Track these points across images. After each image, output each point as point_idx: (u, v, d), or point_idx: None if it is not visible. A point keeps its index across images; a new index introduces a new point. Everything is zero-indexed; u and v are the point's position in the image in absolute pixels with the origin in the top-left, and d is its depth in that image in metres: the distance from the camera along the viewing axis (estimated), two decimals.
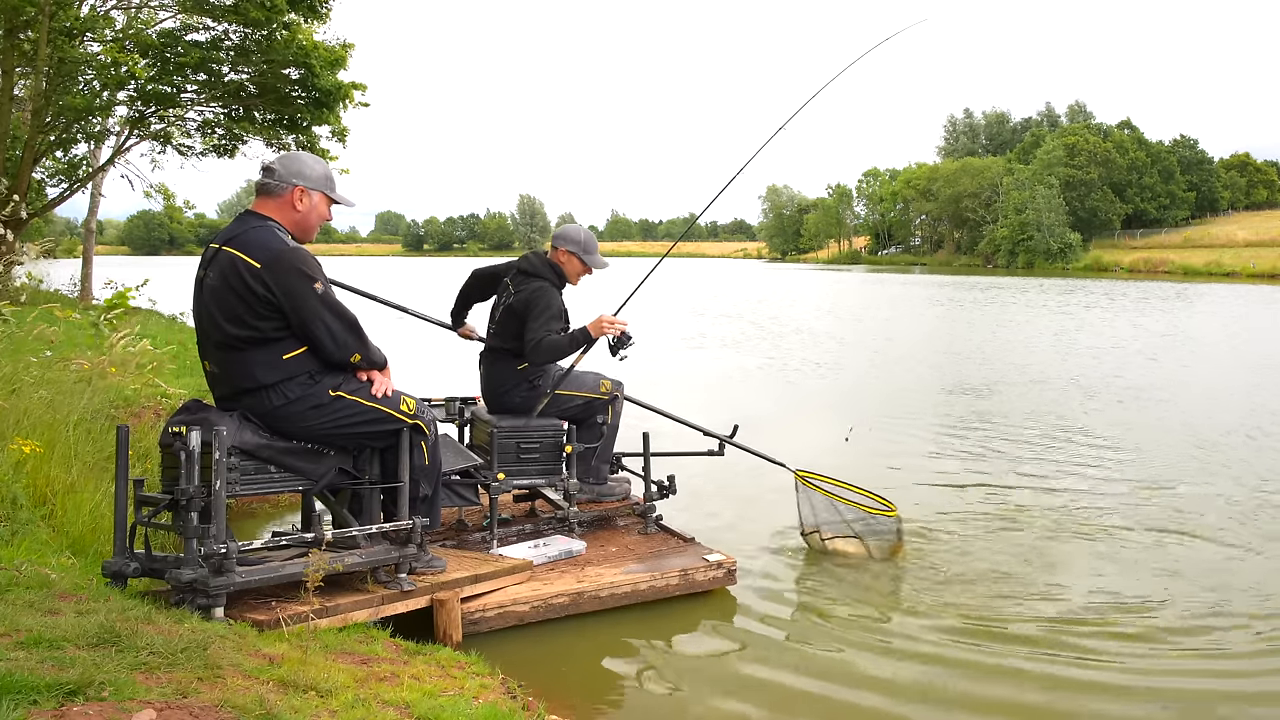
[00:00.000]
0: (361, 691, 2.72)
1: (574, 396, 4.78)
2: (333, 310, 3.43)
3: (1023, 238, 73.01)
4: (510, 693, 3.15)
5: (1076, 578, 4.75)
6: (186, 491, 3.16)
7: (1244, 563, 5.00)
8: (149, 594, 3.34)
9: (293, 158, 3.57)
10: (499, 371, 4.83)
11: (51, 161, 15.56)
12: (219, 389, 3.49)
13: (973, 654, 3.82)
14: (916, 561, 4.96)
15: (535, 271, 4.84)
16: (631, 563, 4.41)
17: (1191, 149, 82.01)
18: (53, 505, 4.07)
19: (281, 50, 12.92)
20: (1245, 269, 54.79)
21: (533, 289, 4.76)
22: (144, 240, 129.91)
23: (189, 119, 14.99)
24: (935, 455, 7.61)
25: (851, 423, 7.87)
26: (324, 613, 3.33)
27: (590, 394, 4.82)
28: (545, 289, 4.76)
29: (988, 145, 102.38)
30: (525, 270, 4.87)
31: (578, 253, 4.88)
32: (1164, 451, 7.70)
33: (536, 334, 4.61)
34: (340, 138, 14.87)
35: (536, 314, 4.66)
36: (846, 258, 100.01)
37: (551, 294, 4.76)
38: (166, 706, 2.26)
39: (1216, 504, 6.09)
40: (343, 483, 3.65)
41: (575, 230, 4.97)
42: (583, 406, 4.81)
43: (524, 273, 4.86)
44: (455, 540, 4.64)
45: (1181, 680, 3.61)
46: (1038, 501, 6.15)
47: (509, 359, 4.78)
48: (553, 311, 4.69)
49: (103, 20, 12.42)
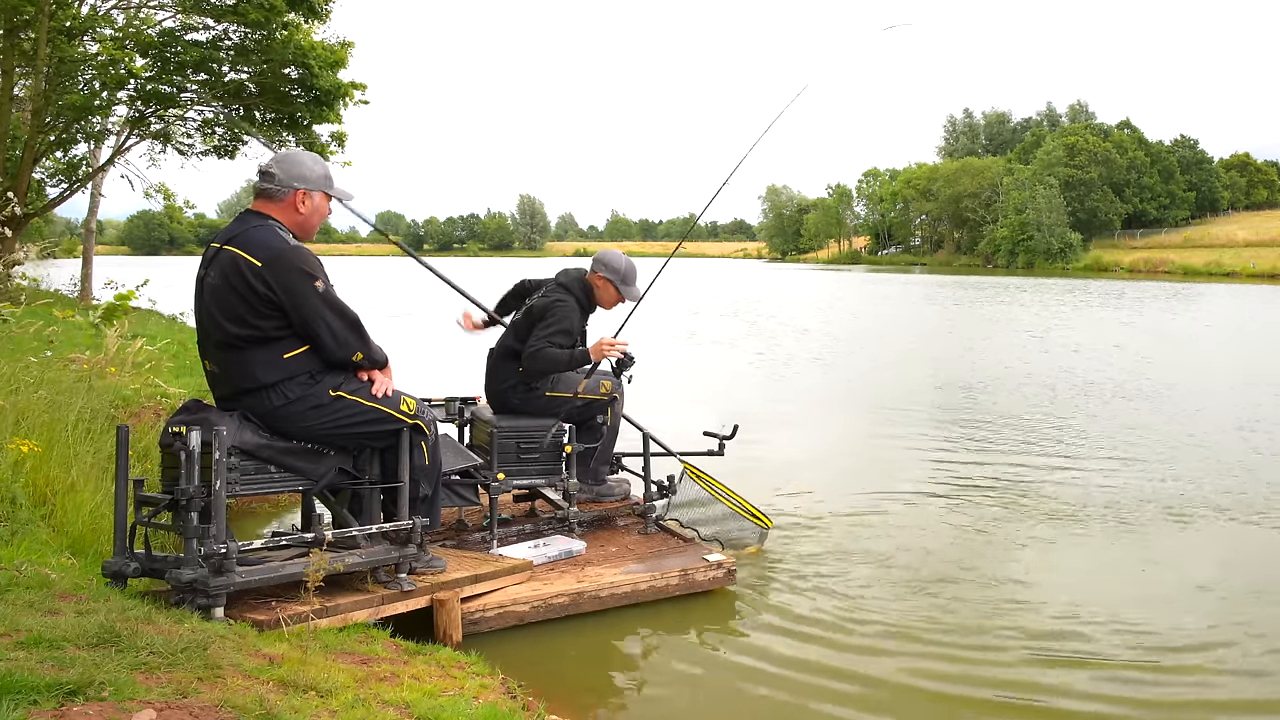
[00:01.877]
0: (361, 691, 2.72)
1: (572, 398, 4.78)
2: (334, 309, 3.43)
3: (1023, 238, 73.00)
4: (510, 693, 3.14)
5: (1076, 578, 4.75)
6: (186, 491, 3.16)
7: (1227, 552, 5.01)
8: (149, 594, 3.34)
9: (292, 160, 3.55)
10: (502, 370, 4.84)
11: (51, 161, 15.55)
12: (219, 389, 3.49)
13: (973, 653, 3.82)
14: (917, 561, 4.95)
15: (565, 285, 4.87)
16: (631, 563, 4.41)
17: (1191, 149, 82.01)
18: (53, 505, 4.06)
19: (281, 50, 12.92)
20: (1245, 269, 54.80)
21: (554, 299, 4.78)
22: (144, 240, 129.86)
23: (189, 119, 14.99)
24: (938, 456, 7.60)
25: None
26: (324, 613, 3.33)
27: (590, 395, 4.81)
28: (566, 303, 4.76)
29: (988, 145, 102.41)
30: (560, 282, 4.90)
31: (615, 281, 4.89)
32: (1150, 447, 7.70)
33: (538, 343, 4.62)
34: (339, 141, 14.88)
35: (547, 323, 4.67)
36: (846, 258, 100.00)
37: (570, 308, 4.75)
38: (166, 706, 2.26)
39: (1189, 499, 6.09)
40: (343, 483, 3.65)
41: (617, 257, 4.96)
42: (582, 408, 4.81)
43: (558, 284, 4.90)
44: (455, 540, 4.64)
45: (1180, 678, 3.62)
46: (1037, 502, 6.15)
47: (513, 359, 4.78)
48: (564, 326, 4.68)
49: (102, 20, 12.41)
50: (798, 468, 7.04)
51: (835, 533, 5.45)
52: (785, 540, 5.26)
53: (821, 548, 5.15)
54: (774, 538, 5.30)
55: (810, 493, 6.33)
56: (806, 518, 5.73)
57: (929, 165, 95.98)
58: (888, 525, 5.63)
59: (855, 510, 5.95)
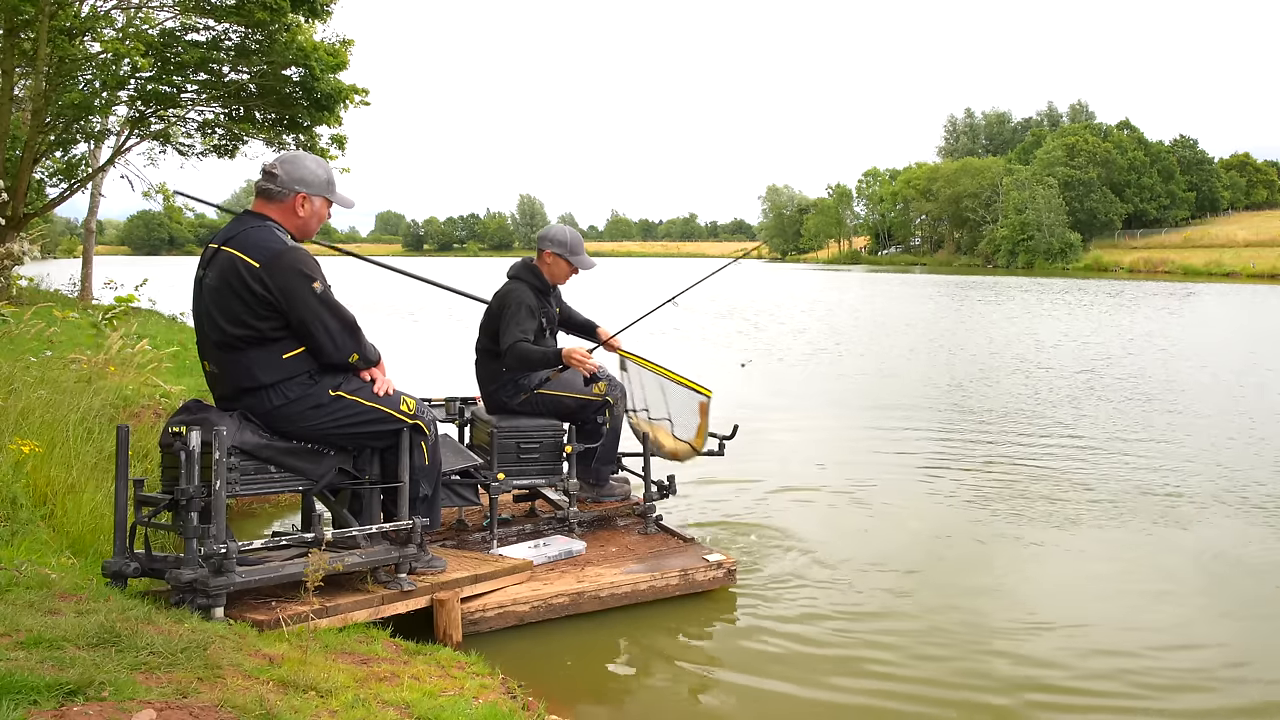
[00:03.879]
0: (361, 691, 2.72)
1: (564, 397, 4.79)
2: (331, 310, 3.42)
3: (1023, 238, 73.00)
4: (510, 693, 3.15)
5: (1077, 577, 4.75)
6: (186, 491, 3.16)
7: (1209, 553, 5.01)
8: (149, 594, 3.34)
9: (295, 162, 3.54)
10: (485, 371, 4.90)
11: (51, 161, 15.56)
12: (219, 389, 3.49)
13: (974, 653, 3.82)
14: (920, 559, 4.96)
15: (514, 275, 4.93)
16: (631, 563, 4.41)
17: (1191, 149, 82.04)
18: (53, 505, 4.06)
19: (282, 51, 12.92)
20: (1245, 269, 54.81)
21: (505, 290, 4.86)
22: (144, 240, 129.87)
23: (189, 119, 14.99)
24: (940, 455, 7.61)
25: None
26: (324, 613, 3.33)
27: (583, 395, 4.82)
28: (516, 288, 4.82)
29: (988, 145, 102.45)
30: (509, 275, 4.96)
31: (564, 254, 4.92)
32: (1142, 443, 7.71)
33: (511, 336, 4.65)
34: (339, 144, 14.88)
35: (509, 316, 4.72)
36: (846, 258, 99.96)
37: (521, 292, 4.80)
38: (166, 706, 2.25)
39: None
40: (343, 483, 3.65)
41: (560, 231, 5.01)
42: (576, 408, 4.82)
43: (508, 277, 4.95)
44: (455, 540, 4.64)
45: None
46: (1044, 501, 6.15)
47: (491, 358, 4.84)
48: (523, 311, 4.72)
49: (103, 19, 12.41)
50: (798, 466, 7.04)
51: (836, 532, 5.44)
52: (785, 539, 5.26)
53: (822, 547, 5.14)
54: (774, 537, 5.30)
55: (811, 492, 6.34)
56: (807, 517, 5.73)
57: (929, 165, 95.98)
58: (889, 524, 5.63)
59: (856, 509, 5.95)
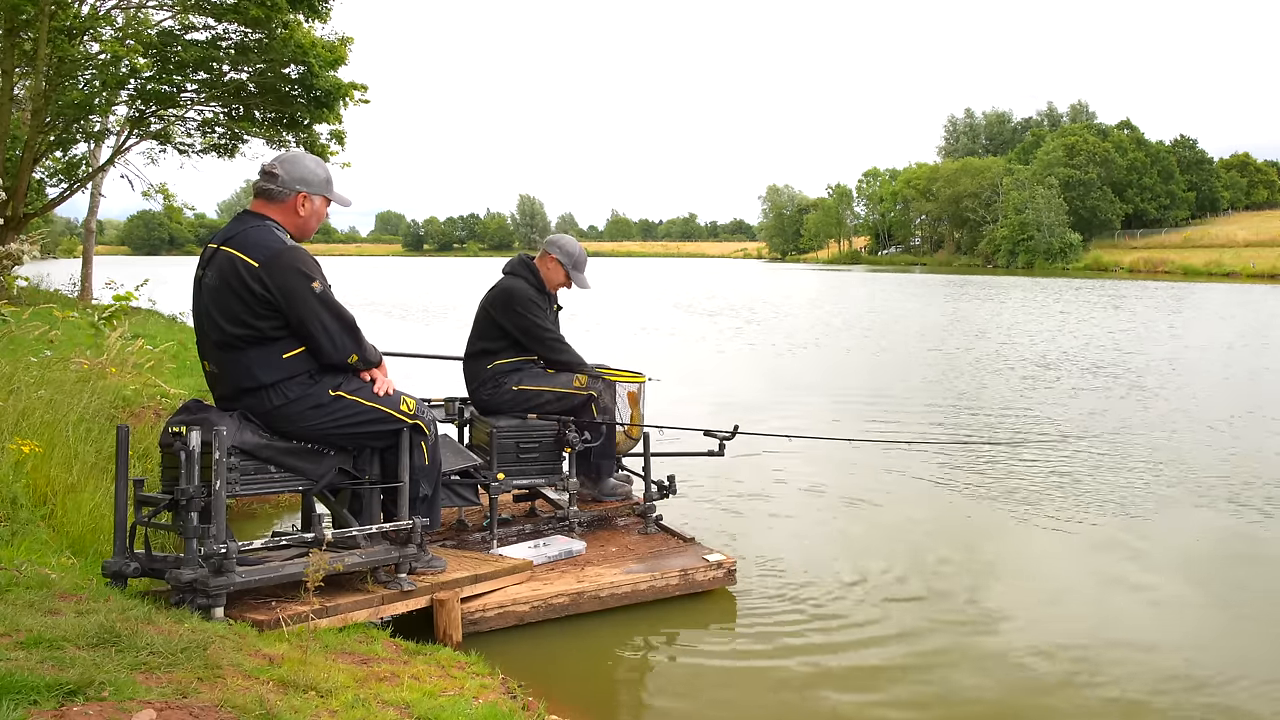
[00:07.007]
0: (361, 691, 2.72)
1: (544, 391, 4.78)
2: (331, 310, 3.42)
3: (1023, 238, 72.97)
4: (510, 693, 3.14)
5: (1076, 577, 4.75)
6: (186, 491, 3.16)
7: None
8: (149, 594, 3.34)
9: (295, 162, 3.54)
10: (471, 370, 4.91)
11: (51, 161, 15.56)
12: (219, 389, 3.48)
13: (976, 652, 3.82)
14: (922, 558, 4.95)
15: (512, 271, 4.94)
16: (631, 563, 4.41)
17: (1191, 149, 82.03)
18: (53, 505, 4.06)
19: (281, 49, 12.92)
20: (1245, 269, 54.79)
21: (504, 285, 4.87)
22: (144, 240, 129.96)
23: (189, 118, 15.00)
24: (942, 453, 7.60)
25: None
26: (324, 613, 3.33)
27: (563, 389, 4.81)
28: (517, 285, 4.84)
29: (988, 145, 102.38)
30: (506, 271, 4.97)
31: (566, 265, 4.94)
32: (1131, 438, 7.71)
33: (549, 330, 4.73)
34: (339, 140, 14.88)
35: (525, 307, 4.76)
36: (846, 258, 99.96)
37: (524, 288, 4.83)
38: (166, 706, 2.25)
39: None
40: (343, 483, 3.64)
41: (571, 243, 5.03)
42: (554, 400, 4.79)
43: (505, 273, 4.96)
44: (455, 540, 4.64)
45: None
46: (1048, 501, 6.15)
47: (481, 358, 4.85)
48: (536, 302, 4.78)
49: (103, 19, 12.41)
50: (798, 465, 7.04)
51: (837, 531, 5.45)
52: (785, 539, 5.26)
53: (822, 546, 5.14)
54: (774, 537, 5.30)
55: (811, 491, 6.34)
56: (808, 517, 5.73)
57: (929, 165, 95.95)
58: (891, 524, 5.63)
59: (858, 509, 5.95)
